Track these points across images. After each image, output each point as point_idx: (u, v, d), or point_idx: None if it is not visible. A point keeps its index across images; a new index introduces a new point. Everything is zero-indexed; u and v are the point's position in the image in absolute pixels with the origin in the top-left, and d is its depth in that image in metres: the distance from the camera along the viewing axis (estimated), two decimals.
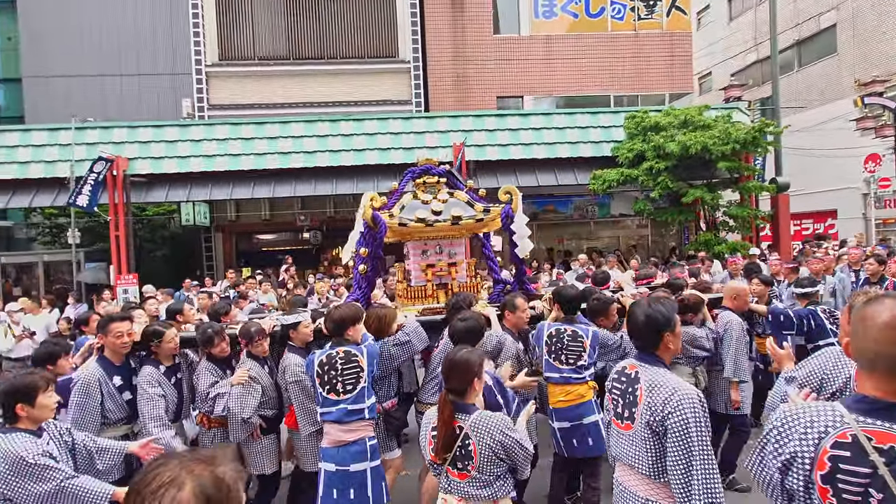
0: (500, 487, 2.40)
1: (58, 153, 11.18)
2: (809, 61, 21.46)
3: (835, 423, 1.45)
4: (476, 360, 2.50)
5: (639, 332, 2.24)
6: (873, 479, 1.37)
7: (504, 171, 12.16)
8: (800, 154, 20.01)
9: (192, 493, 0.96)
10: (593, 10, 16.28)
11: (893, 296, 1.45)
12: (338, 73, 15.71)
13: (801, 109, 20.95)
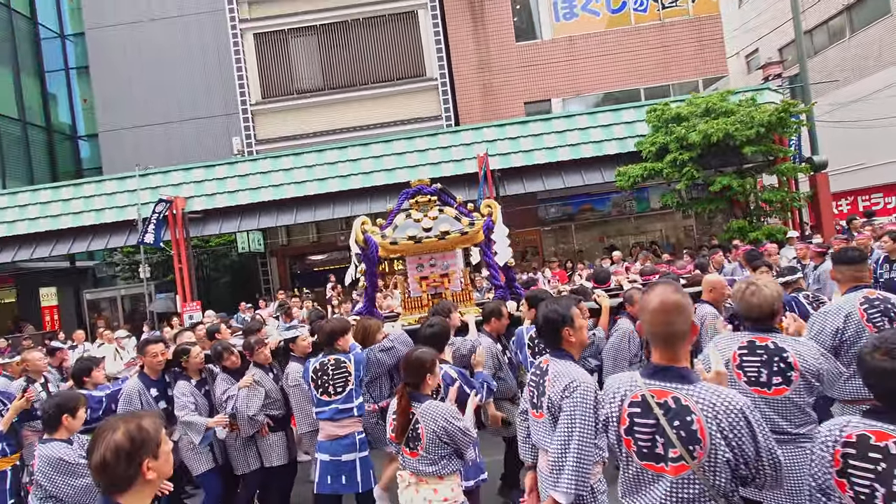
0: (445, 465, 2.81)
1: (126, 199, 12.58)
2: (862, 26, 20.19)
3: (631, 387, 1.79)
4: (428, 359, 2.93)
5: (542, 330, 2.59)
6: (657, 427, 1.70)
7: (530, 176, 12.43)
8: (859, 127, 18.92)
9: (122, 434, 1.48)
10: (615, 6, 16.25)
11: (664, 283, 1.78)
12: (371, 97, 16.53)
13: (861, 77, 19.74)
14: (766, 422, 1.72)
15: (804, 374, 2.41)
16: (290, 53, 16.70)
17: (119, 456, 1.48)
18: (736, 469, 1.62)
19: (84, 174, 22.20)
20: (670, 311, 1.72)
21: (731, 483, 1.62)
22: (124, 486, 1.52)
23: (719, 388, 1.69)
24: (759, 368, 2.48)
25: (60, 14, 21.94)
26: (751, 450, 1.61)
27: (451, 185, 12.35)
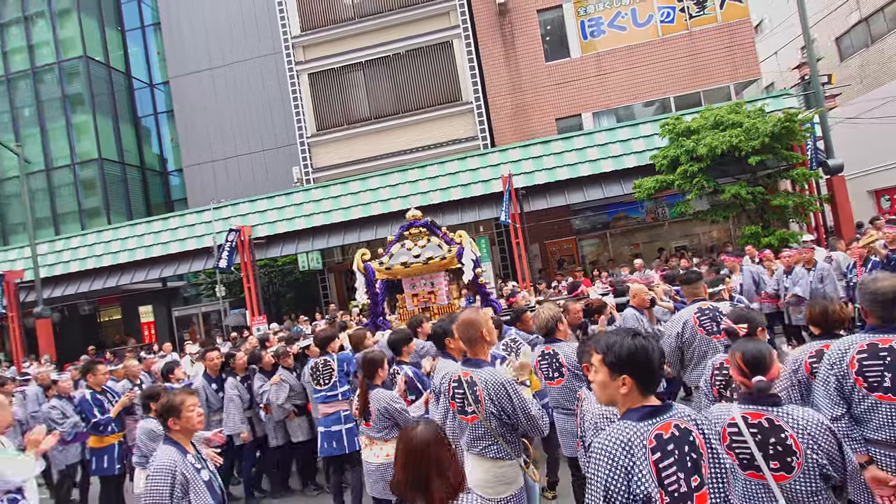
0: (389, 433, 4.01)
1: (204, 229, 14.74)
2: None
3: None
4: (378, 358, 4.14)
5: (436, 342, 3.74)
6: (464, 393, 2.83)
7: (554, 191, 13.33)
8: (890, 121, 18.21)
9: (160, 403, 2.83)
10: (641, 20, 16.77)
11: (473, 307, 2.90)
12: (413, 123, 17.99)
13: None
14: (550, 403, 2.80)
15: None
16: (341, 88, 18.52)
17: (161, 410, 2.84)
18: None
19: (174, 205, 25.36)
20: (469, 324, 2.85)
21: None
22: (167, 432, 2.88)
23: (495, 370, 2.79)
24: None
25: (150, 66, 25.24)
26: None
27: (480, 204, 13.57)
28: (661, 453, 1.68)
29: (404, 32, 18.00)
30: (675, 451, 1.69)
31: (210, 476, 3.02)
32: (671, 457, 1.68)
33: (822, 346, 2.72)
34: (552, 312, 4.00)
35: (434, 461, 1.75)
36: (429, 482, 1.72)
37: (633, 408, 1.76)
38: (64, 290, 15.79)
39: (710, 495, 1.70)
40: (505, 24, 17.53)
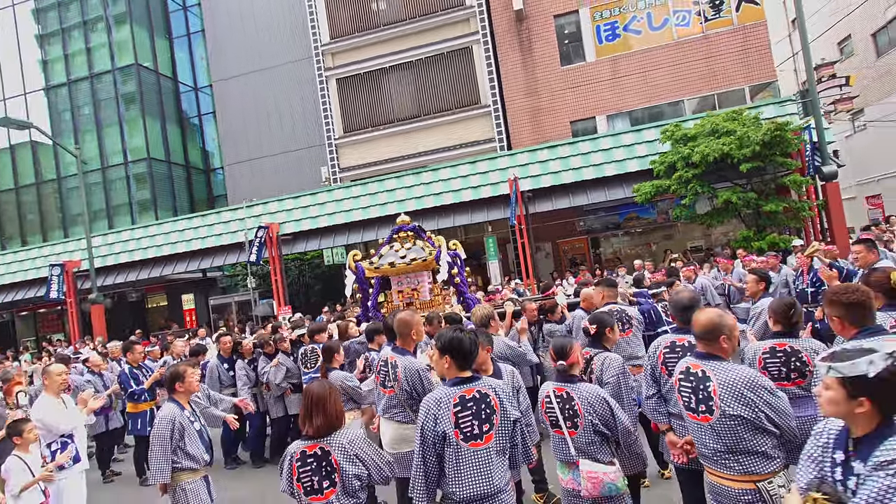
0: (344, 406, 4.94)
1: (237, 225, 16.09)
2: None
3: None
4: (336, 346, 5.07)
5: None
6: (388, 369, 3.72)
7: (558, 194, 13.97)
8: None
9: (168, 372, 3.84)
10: (656, 24, 17.07)
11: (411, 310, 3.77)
12: (434, 125, 18.87)
13: None
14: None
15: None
16: (366, 92, 19.56)
17: (168, 380, 3.85)
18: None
19: (215, 200, 27.13)
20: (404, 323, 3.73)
21: None
22: (171, 391, 3.88)
23: (413, 359, 3.66)
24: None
25: (195, 70, 27.00)
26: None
27: (490, 205, 14.35)
28: (461, 407, 2.54)
29: (427, 39, 18.85)
30: (472, 406, 2.54)
31: (201, 427, 4.03)
32: (468, 410, 2.54)
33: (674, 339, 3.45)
34: (487, 311, 4.81)
35: (319, 403, 2.67)
36: (313, 416, 2.65)
37: (451, 378, 2.62)
38: (115, 279, 17.51)
39: (495, 437, 2.55)
40: (522, 30, 18.13)
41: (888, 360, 1.66)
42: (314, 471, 2.65)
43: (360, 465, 2.71)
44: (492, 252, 14.54)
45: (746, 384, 2.48)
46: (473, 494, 2.50)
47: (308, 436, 2.73)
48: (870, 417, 1.71)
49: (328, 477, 2.64)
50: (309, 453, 2.67)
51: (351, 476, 2.67)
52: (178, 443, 3.74)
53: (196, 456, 3.83)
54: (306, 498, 2.68)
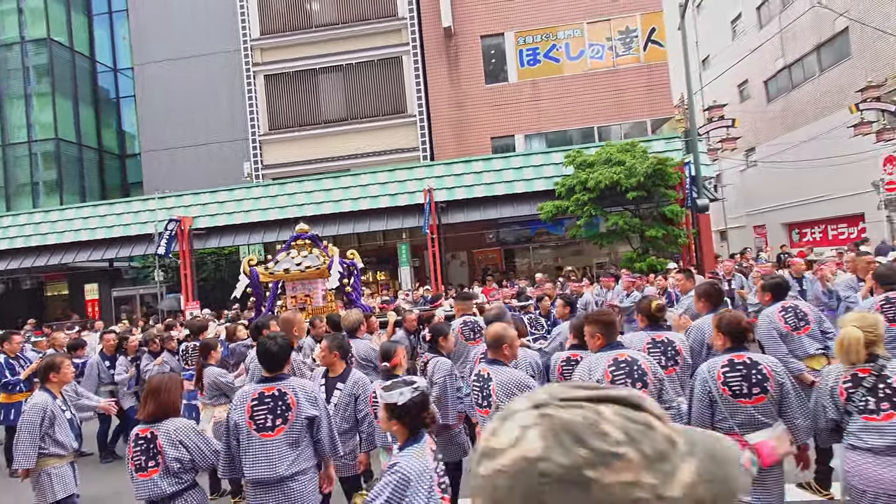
0: (217, 400, 5.26)
1: (147, 216, 15.67)
2: (829, 65, 21.34)
3: None
4: (213, 343, 5.38)
5: None
6: None
7: (471, 207, 14.71)
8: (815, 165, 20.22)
9: (43, 363, 4.02)
10: (573, 54, 18.30)
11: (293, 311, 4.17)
12: (360, 130, 19.16)
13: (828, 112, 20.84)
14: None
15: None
16: (294, 92, 19.57)
17: (42, 370, 4.03)
18: None
19: (130, 188, 25.98)
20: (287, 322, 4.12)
21: None
22: (45, 381, 4.07)
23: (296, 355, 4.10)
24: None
25: (115, 50, 25.79)
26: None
27: (406, 213, 14.85)
28: (258, 402, 3.08)
29: (358, 45, 19.15)
30: (269, 402, 3.09)
31: (72, 416, 4.24)
32: (265, 405, 3.11)
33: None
34: (356, 317, 5.27)
35: (155, 392, 3.05)
36: (148, 402, 3.03)
37: (257, 377, 3.11)
38: (8, 264, 16.50)
39: (287, 430, 3.09)
40: (451, 46, 18.85)
41: (413, 393, 2.31)
42: (143, 451, 3.03)
43: (182, 450, 3.10)
44: (404, 259, 15.06)
45: (516, 384, 3.10)
46: (259, 478, 3.00)
47: (143, 420, 3.11)
48: (402, 433, 2.35)
49: (153, 458, 3.02)
50: (141, 436, 3.05)
51: (172, 459, 3.06)
52: (48, 430, 3.94)
53: (65, 443, 4.05)
54: (136, 475, 3.06)
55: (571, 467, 0.46)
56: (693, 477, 0.47)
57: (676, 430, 0.51)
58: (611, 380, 2.89)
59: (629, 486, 0.45)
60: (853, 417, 2.89)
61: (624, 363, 2.95)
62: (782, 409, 2.95)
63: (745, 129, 27.12)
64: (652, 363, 3.02)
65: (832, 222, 22.24)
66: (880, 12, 18.11)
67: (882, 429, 2.79)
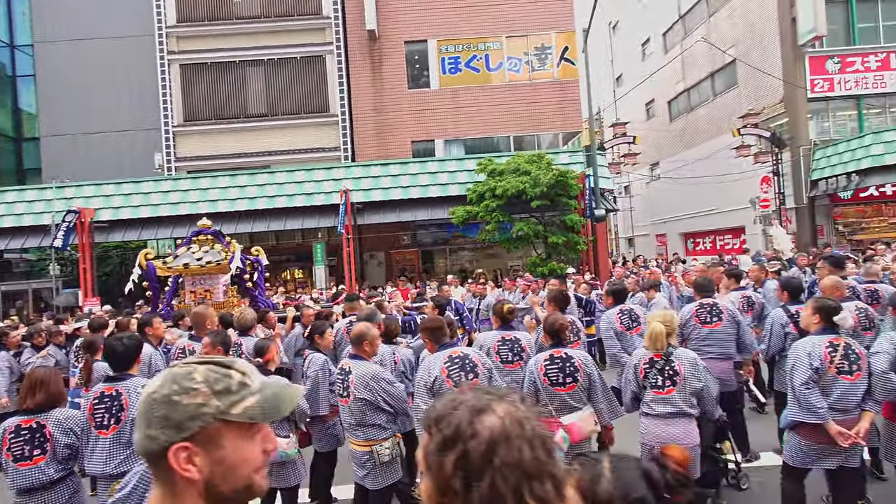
0: None
1: (43, 206, 14.77)
2: (720, 91, 23.56)
3: None
4: (98, 341, 5.43)
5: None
6: None
7: (387, 209, 15.06)
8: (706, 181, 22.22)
9: None
10: (493, 66, 19.13)
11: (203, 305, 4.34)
12: (280, 127, 18.98)
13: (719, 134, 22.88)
14: None
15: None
16: (212, 83, 19.05)
17: None
18: None
19: (26, 174, 24.11)
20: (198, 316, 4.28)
21: None
22: None
23: None
24: None
25: (12, 25, 23.84)
26: None
27: (322, 213, 14.95)
28: (98, 401, 3.32)
29: (281, 40, 18.95)
30: (107, 401, 3.31)
31: None
32: (103, 404, 3.30)
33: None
34: (251, 316, 5.50)
35: (43, 383, 3.21)
36: (36, 393, 3.18)
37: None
38: None
39: (118, 429, 3.28)
40: (375, 49, 19.11)
41: None
42: (27, 441, 3.17)
43: (73, 436, 3.28)
44: (319, 258, 15.17)
45: (371, 376, 3.53)
46: (95, 472, 3.29)
47: (27, 410, 3.24)
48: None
49: (40, 446, 3.17)
50: (24, 427, 3.19)
51: (63, 446, 3.23)
52: None
53: None
54: (14, 465, 3.18)
55: (167, 394, 0.88)
56: (254, 404, 0.91)
57: (254, 380, 0.94)
58: (447, 374, 3.39)
59: (200, 405, 0.88)
60: (647, 391, 3.59)
61: (457, 358, 3.46)
62: (590, 396, 3.57)
63: (650, 144, 29.33)
64: (482, 356, 3.55)
65: (720, 234, 24.59)
66: (760, 48, 20.29)
67: (666, 400, 3.51)
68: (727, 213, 22.82)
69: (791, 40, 18.47)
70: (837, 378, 3.28)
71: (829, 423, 3.21)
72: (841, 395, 3.27)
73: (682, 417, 3.51)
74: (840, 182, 16.91)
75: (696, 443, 3.52)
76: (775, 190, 19.01)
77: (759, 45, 20.38)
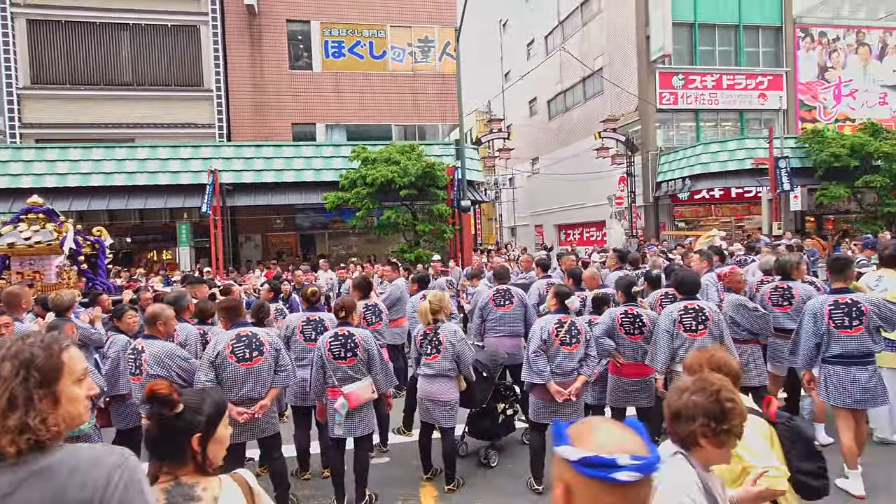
0: None
1: None
2: (590, 96, 25.65)
3: None
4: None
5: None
6: None
7: (259, 191, 14.88)
8: (568, 178, 24.12)
9: None
10: (377, 53, 19.35)
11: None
12: (149, 98, 17.80)
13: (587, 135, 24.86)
14: None
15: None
16: (67, 44, 17.39)
17: None
18: None
19: None
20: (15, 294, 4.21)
21: None
22: None
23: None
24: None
25: None
26: None
27: (188, 192, 14.43)
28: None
29: (150, 5, 17.71)
30: None
31: None
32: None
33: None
34: (70, 297, 5.45)
35: None
36: None
37: None
38: None
39: None
40: (254, 24, 18.52)
41: None
42: None
43: None
44: (183, 239, 14.66)
45: (166, 354, 3.83)
46: None
47: None
48: None
49: None
50: None
51: None
52: None
53: None
54: None
55: None
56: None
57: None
58: (230, 349, 3.79)
59: None
60: (422, 358, 4.30)
61: (245, 337, 3.88)
62: (369, 368, 4.16)
63: (532, 140, 31.23)
64: (271, 337, 4.00)
65: (586, 226, 26.95)
66: (622, 59, 22.41)
67: (431, 364, 4.24)
68: (592, 208, 25.06)
69: (646, 56, 20.64)
70: (560, 349, 4.14)
71: (550, 384, 4.06)
72: (561, 361, 4.13)
73: (442, 378, 4.25)
74: (678, 185, 19.33)
75: (453, 398, 4.28)
76: (629, 189, 21.25)
77: (621, 56, 22.47)
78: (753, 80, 21.27)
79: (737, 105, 21.29)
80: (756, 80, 21.30)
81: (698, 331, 4.22)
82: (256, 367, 3.84)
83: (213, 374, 3.71)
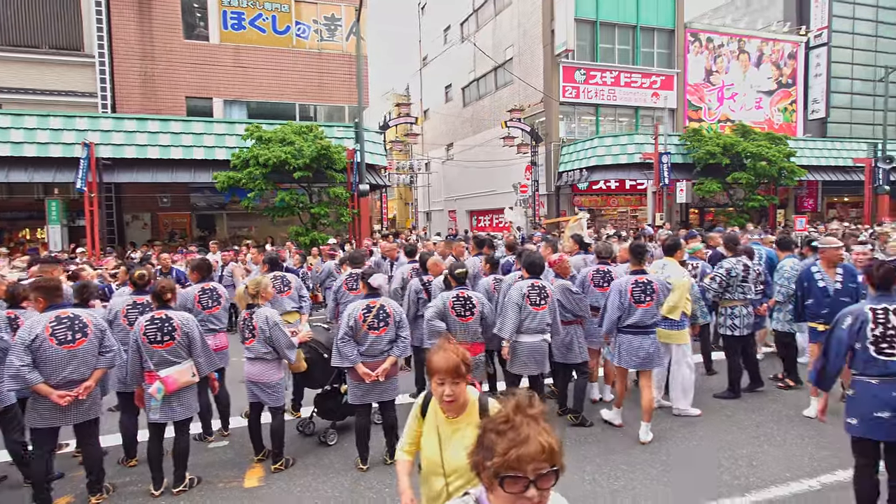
0: None
1: None
2: (501, 86, 26.18)
3: None
4: None
5: None
6: None
7: (141, 168, 13.98)
8: (480, 165, 24.57)
9: None
10: (280, 28, 18.64)
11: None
12: (18, 60, 16.16)
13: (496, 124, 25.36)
14: None
15: None
16: None
17: None
18: None
19: None
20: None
21: None
22: None
23: None
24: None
25: None
26: None
27: (60, 165, 13.32)
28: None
29: None
30: None
31: None
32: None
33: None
34: None
35: None
36: None
37: None
38: None
39: None
40: None
41: None
42: None
43: None
44: (54, 216, 13.53)
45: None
46: None
47: None
48: None
49: None
50: None
51: None
52: None
53: None
54: None
55: None
56: None
57: None
58: (50, 332, 3.62)
59: None
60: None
61: (66, 319, 3.74)
62: (190, 351, 4.10)
63: (447, 126, 31.47)
64: (95, 318, 3.87)
65: (495, 213, 27.64)
66: (530, 52, 23.04)
67: (249, 348, 4.34)
68: (501, 195, 25.73)
69: (551, 50, 21.33)
70: (368, 333, 4.26)
71: (358, 366, 4.20)
72: (370, 345, 4.27)
73: (259, 360, 4.31)
74: (576, 175, 20.29)
75: (274, 379, 4.35)
76: (533, 178, 22.02)
77: (530, 49, 23.09)
78: (648, 80, 22.62)
79: (633, 102, 22.57)
80: (650, 80, 22.66)
81: (540, 305, 4.76)
82: (80, 349, 3.72)
83: (29, 359, 3.55)
